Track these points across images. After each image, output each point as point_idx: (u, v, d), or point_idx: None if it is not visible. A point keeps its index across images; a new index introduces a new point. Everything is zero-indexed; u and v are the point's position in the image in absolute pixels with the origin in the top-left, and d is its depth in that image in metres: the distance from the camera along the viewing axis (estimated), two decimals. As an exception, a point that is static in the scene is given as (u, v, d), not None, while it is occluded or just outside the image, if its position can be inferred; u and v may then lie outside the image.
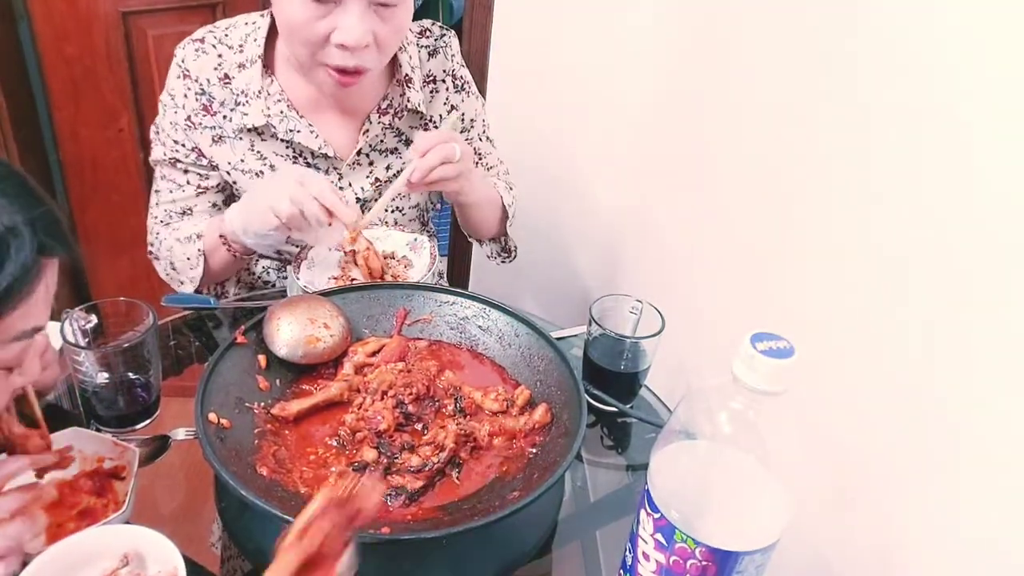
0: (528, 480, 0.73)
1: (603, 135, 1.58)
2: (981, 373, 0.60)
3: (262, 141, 1.08)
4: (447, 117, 1.14)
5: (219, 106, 1.06)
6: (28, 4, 1.67)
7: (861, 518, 0.74)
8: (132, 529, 0.66)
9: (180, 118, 1.06)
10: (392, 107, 1.11)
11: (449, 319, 0.94)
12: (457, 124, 1.17)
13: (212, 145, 1.08)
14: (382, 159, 1.14)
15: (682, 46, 1.29)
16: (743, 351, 0.53)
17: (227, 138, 1.07)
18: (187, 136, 1.07)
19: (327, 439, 0.79)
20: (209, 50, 1.05)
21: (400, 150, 1.15)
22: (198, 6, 1.84)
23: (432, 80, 1.15)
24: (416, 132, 1.14)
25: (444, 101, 1.16)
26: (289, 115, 1.06)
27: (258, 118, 1.05)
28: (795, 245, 0.90)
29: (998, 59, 0.59)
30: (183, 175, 1.10)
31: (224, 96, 1.05)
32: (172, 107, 1.07)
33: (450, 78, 1.16)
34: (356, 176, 1.13)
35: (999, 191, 0.58)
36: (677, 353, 1.06)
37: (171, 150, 1.08)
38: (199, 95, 1.05)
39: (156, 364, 0.84)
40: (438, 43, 1.15)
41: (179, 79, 1.06)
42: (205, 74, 1.05)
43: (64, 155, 1.84)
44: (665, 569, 0.60)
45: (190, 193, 1.10)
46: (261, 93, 1.04)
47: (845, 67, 0.81)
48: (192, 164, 1.09)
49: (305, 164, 1.10)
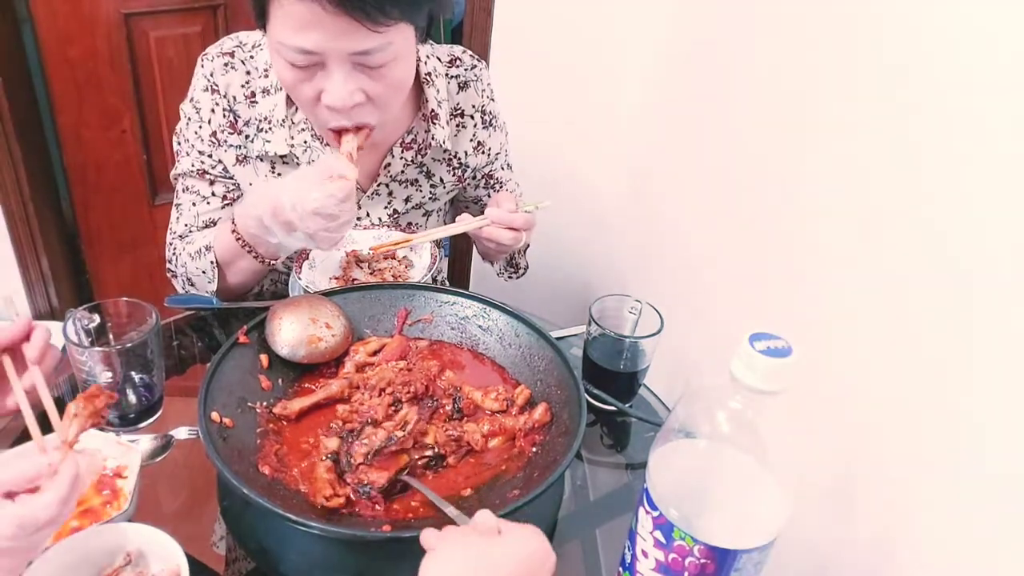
0: (528, 479, 0.74)
1: (603, 136, 1.59)
2: (981, 372, 0.60)
3: (284, 164, 1.05)
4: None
5: (244, 125, 1.03)
6: (31, 7, 1.68)
7: (859, 516, 0.74)
8: (135, 527, 0.66)
9: (205, 133, 1.03)
10: (416, 142, 1.07)
11: (450, 319, 0.94)
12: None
13: (236, 164, 1.05)
14: (402, 190, 1.11)
15: (682, 47, 1.30)
16: (742, 350, 0.54)
17: (250, 159, 1.05)
18: (213, 150, 1.05)
19: (320, 430, 0.79)
20: (238, 66, 1.02)
21: (420, 182, 1.12)
22: (199, 8, 1.85)
23: (460, 114, 1.11)
24: (440, 165, 1.11)
25: (471, 137, 1.12)
26: (313, 145, 1.03)
27: (281, 147, 1.02)
28: (795, 245, 0.90)
29: (998, 59, 0.60)
30: (209, 186, 1.06)
31: (249, 116, 1.03)
32: (197, 120, 1.03)
33: (479, 114, 1.12)
34: (374, 206, 1.11)
35: (999, 191, 0.59)
36: (676, 353, 1.06)
37: (198, 161, 1.05)
38: (227, 111, 1.02)
39: (159, 364, 0.84)
40: (469, 75, 1.10)
41: (206, 92, 1.02)
42: (233, 91, 1.02)
43: (67, 157, 1.85)
44: (664, 567, 0.60)
45: (215, 205, 1.07)
46: (285, 122, 1.02)
47: (845, 67, 0.81)
48: (220, 175, 1.06)
49: None
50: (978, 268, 0.60)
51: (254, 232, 0.94)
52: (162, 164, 1.94)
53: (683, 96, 1.29)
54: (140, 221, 1.99)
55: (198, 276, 1.05)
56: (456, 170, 1.13)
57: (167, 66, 1.84)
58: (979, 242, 0.60)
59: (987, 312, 0.59)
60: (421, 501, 0.72)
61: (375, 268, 1.07)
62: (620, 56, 1.50)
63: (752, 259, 1.01)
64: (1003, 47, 0.59)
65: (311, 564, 0.72)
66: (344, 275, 1.06)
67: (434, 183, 1.13)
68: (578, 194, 1.64)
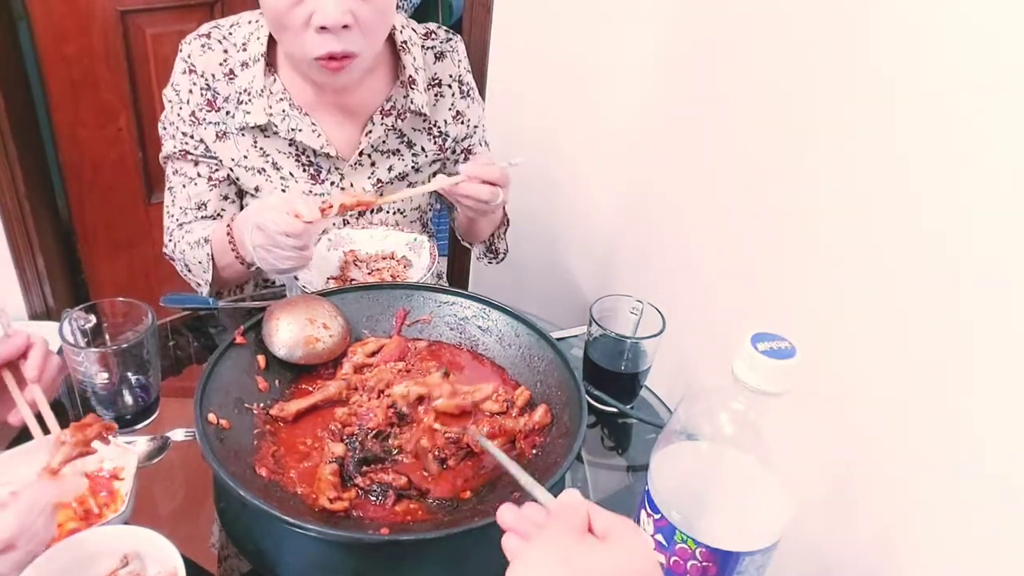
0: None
1: (603, 135, 1.58)
2: (981, 372, 0.60)
3: (265, 138, 1.08)
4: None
5: (223, 102, 1.06)
6: (27, 4, 1.67)
7: (862, 518, 0.74)
8: (131, 529, 0.66)
9: (185, 113, 1.06)
10: (395, 108, 1.10)
11: (449, 319, 0.94)
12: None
13: (216, 141, 1.08)
14: (384, 160, 1.13)
15: (682, 47, 1.29)
16: (744, 351, 0.53)
17: (230, 134, 1.07)
18: (193, 130, 1.07)
19: (318, 431, 0.79)
20: (215, 46, 1.05)
21: (402, 152, 1.14)
22: (196, 4, 1.84)
23: (437, 84, 1.14)
24: (420, 135, 1.13)
25: (449, 106, 1.15)
26: (291, 114, 1.06)
27: (260, 117, 1.04)
28: (796, 245, 0.90)
29: (998, 59, 0.59)
30: (194, 167, 1.09)
31: (228, 92, 1.06)
32: (177, 103, 1.07)
33: (456, 83, 1.15)
34: (358, 176, 1.12)
35: (999, 191, 0.58)
36: (678, 354, 1.06)
37: (181, 143, 1.08)
38: (204, 90, 1.05)
39: (155, 364, 0.84)
40: (444, 46, 1.14)
41: (184, 74, 1.06)
42: (211, 69, 1.05)
43: (63, 155, 1.84)
44: (666, 569, 0.60)
45: (203, 187, 1.10)
46: (264, 92, 1.04)
47: (845, 67, 0.80)
48: (202, 155, 1.09)
49: (307, 163, 1.10)
50: (978, 268, 0.60)
51: (238, 236, 0.98)
52: (158, 162, 1.92)
53: (683, 95, 1.29)
54: (136, 219, 1.98)
55: (195, 264, 1.07)
56: (436, 139, 1.15)
57: (163, 64, 1.82)
58: (979, 242, 0.60)
59: (987, 312, 0.59)
60: (420, 504, 0.72)
61: (373, 268, 1.06)
62: (620, 54, 1.50)
63: (753, 259, 1.00)
64: (1003, 47, 0.59)
65: (308, 566, 0.72)
66: (342, 275, 1.05)
67: (415, 152, 1.15)
68: (578, 194, 1.64)
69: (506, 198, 1.03)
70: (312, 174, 1.10)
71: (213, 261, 1.05)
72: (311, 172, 1.10)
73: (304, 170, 1.10)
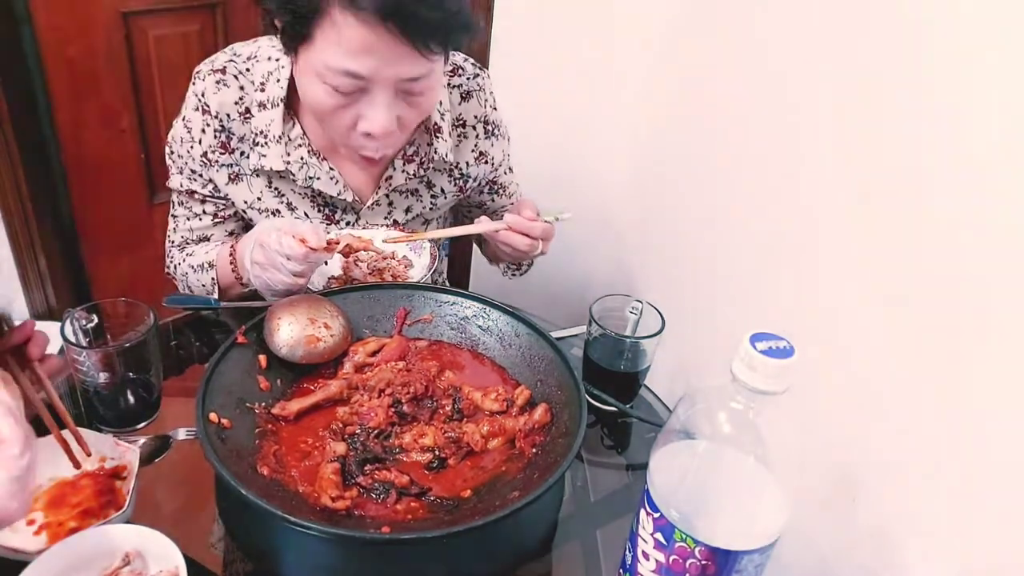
0: (528, 480, 0.73)
1: (603, 135, 1.58)
2: (981, 372, 0.60)
3: (280, 178, 1.04)
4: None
5: (238, 142, 1.02)
6: (30, 6, 1.67)
7: (861, 517, 0.74)
8: (133, 528, 0.66)
9: (196, 153, 1.02)
10: (418, 155, 1.06)
11: (449, 319, 0.94)
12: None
13: (228, 183, 1.04)
14: (402, 200, 1.10)
15: (683, 47, 1.29)
16: (743, 351, 0.53)
17: (244, 176, 1.04)
18: (204, 170, 1.04)
19: (320, 430, 0.79)
20: (231, 82, 1.00)
21: (421, 193, 1.11)
22: (198, 6, 1.84)
23: (462, 124, 1.10)
24: (440, 176, 1.10)
25: (472, 147, 1.11)
26: (310, 161, 1.02)
27: (277, 163, 1.00)
28: (795, 245, 0.90)
29: (998, 59, 0.59)
30: (200, 205, 1.07)
31: (244, 132, 1.01)
32: (188, 140, 1.02)
33: (481, 124, 1.11)
34: (375, 216, 1.10)
35: (1000, 191, 0.58)
36: (677, 353, 1.06)
37: (188, 180, 1.05)
38: (218, 132, 1.00)
39: (157, 364, 0.84)
40: (471, 84, 1.09)
41: (197, 111, 1.00)
42: (226, 109, 1.00)
43: (66, 156, 1.84)
44: (665, 568, 0.60)
45: (207, 223, 1.08)
46: (282, 139, 1.00)
47: (845, 68, 0.81)
48: (210, 195, 1.06)
49: (323, 204, 1.07)
50: (978, 268, 0.60)
51: (239, 256, 0.98)
52: (160, 163, 1.91)
53: (684, 96, 1.29)
54: (138, 220, 1.99)
55: (199, 288, 1.08)
56: (457, 180, 1.12)
57: (166, 65, 1.83)
58: (979, 242, 0.60)
59: (987, 312, 0.59)
60: (421, 503, 0.72)
61: (374, 268, 1.06)
62: (621, 55, 1.50)
63: (752, 259, 1.00)
64: (1003, 47, 0.59)
65: (309, 565, 0.72)
66: (343, 275, 1.05)
67: (435, 193, 1.12)
68: (578, 194, 1.64)
69: (545, 250, 1.03)
70: (327, 215, 1.08)
71: (217, 284, 1.05)
72: (326, 213, 1.07)
73: (319, 211, 1.07)
